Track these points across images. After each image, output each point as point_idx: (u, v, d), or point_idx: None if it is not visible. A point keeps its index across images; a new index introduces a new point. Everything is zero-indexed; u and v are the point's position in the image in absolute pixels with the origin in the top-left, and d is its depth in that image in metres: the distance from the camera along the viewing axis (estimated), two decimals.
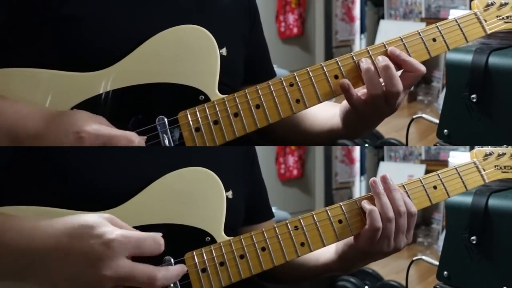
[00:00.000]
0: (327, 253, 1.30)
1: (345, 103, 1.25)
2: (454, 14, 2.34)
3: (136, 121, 1.15)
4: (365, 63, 1.19)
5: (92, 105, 1.13)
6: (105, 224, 1.04)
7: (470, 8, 1.29)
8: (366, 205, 1.21)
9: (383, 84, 1.19)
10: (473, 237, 1.57)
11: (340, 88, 1.19)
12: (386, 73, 1.19)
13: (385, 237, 1.20)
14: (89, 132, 1.07)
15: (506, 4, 1.28)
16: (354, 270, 1.37)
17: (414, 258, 1.89)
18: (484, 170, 1.34)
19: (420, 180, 1.27)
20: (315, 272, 1.34)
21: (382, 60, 1.19)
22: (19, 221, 1.07)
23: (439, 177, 1.29)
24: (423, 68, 1.21)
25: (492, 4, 1.27)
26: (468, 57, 1.59)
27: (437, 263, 1.68)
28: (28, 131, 1.09)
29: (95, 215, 1.06)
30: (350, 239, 1.23)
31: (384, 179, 1.22)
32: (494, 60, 1.57)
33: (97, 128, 1.08)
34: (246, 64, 1.35)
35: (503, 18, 1.27)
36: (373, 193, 1.22)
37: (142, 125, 1.15)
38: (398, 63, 1.21)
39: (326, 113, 1.35)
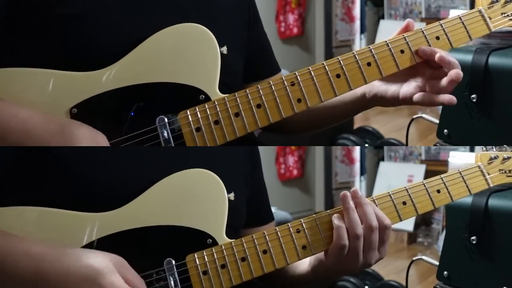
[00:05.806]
0: (303, 264, 1.28)
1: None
2: (454, 14, 2.34)
3: (138, 108, 1.15)
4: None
5: (92, 105, 1.13)
6: (112, 272, 1.03)
7: (470, 8, 1.28)
8: (335, 220, 1.19)
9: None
10: (473, 237, 1.56)
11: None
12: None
13: (353, 254, 1.18)
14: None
15: (511, 1, 1.25)
16: (329, 281, 1.34)
17: (414, 258, 1.88)
18: (489, 174, 1.32)
19: (424, 184, 1.26)
20: (293, 282, 1.33)
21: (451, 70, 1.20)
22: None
23: (443, 180, 1.27)
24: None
25: (496, 1, 1.25)
26: (468, 57, 1.58)
27: (437, 263, 1.68)
28: (28, 137, 1.09)
29: (105, 259, 1.04)
30: (322, 253, 1.21)
31: (354, 194, 1.19)
32: (494, 60, 1.56)
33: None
34: (249, 62, 1.35)
35: (508, 16, 1.25)
36: (343, 208, 1.19)
37: (144, 112, 1.14)
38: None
39: None
